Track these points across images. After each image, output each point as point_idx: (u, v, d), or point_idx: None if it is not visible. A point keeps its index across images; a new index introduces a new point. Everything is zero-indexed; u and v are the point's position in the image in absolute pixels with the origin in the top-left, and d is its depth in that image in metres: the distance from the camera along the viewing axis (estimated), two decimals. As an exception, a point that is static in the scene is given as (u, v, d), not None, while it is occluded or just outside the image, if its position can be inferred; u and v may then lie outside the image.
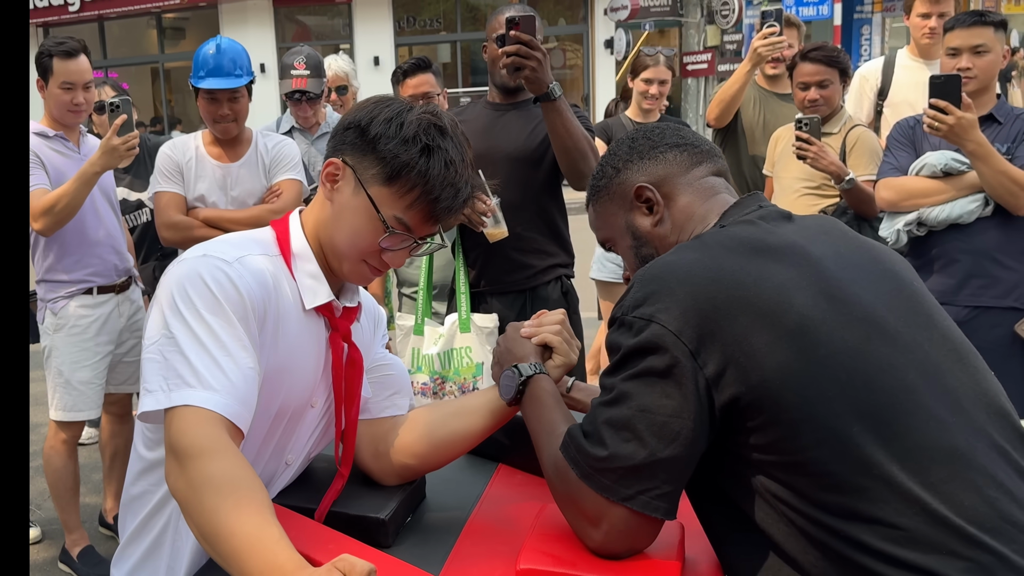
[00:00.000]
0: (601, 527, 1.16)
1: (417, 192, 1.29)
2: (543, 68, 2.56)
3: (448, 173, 1.29)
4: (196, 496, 1.10)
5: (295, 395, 1.37)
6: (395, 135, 1.29)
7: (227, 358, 1.20)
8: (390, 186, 1.30)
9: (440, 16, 17.38)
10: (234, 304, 1.24)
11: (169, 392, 1.18)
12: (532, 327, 1.44)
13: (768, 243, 1.19)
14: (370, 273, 1.37)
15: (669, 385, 1.11)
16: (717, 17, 13.92)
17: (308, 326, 1.37)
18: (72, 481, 3.21)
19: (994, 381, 1.21)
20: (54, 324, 3.13)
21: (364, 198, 1.31)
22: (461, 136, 1.33)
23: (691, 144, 1.39)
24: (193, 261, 1.27)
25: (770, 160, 3.63)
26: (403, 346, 3.01)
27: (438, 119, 1.31)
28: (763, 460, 1.10)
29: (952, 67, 2.80)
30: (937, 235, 2.83)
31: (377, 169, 1.30)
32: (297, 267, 1.37)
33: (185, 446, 1.13)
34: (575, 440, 1.18)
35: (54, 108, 3.10)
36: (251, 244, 1.35)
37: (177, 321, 1.22)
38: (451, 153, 1.30)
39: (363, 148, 1.32)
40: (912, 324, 1.18)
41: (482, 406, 1.44)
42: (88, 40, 3.34)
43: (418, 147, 1.28)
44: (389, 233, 1.31)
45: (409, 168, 1.28)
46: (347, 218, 1.34)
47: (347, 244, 1.34)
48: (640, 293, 1.16)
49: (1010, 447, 1.13)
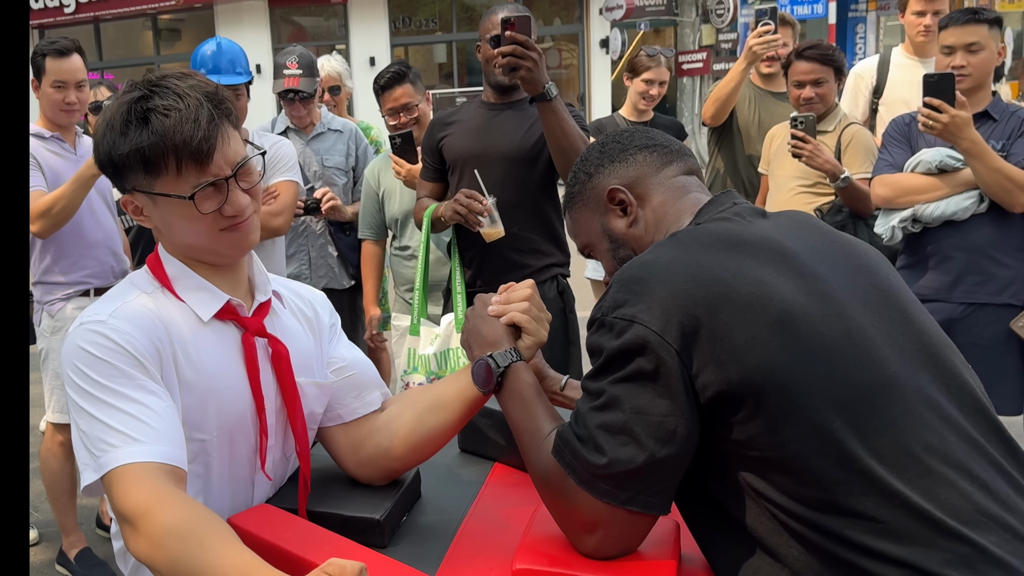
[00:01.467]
0: (597, 531, 1.16)
1: (170, 156, 1.27)
2: (539, 68, 2.56)
3: (171, 119, 1.26)
4: (160, 551, 1.11)
5: (231, 408, 1.36)
6: (116, 137, 1.29)
7: (138, 407, 1.22)
8: (156, 174, 1.29)
9: (436, 16, 17.37)
10: (122, 358, 1.25)
11: (98, 459, 1.20)
12: (499, 304, 1.42)
13: (744, 238, 1.20)
14: (235, 234, 1.35)
15: (659, 385, 1.11)
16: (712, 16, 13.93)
17: (219, 338, 1.37)
18: (69, 483, 3.20)
19: (971, 375, 1.22)
20: (51, 326, 3.12)
21: (161, 201, 1.32)
22: (174, 79, 1.31)
23: (661, 145, 1.40)
24: (72, 335, 1.29)
25: (765, 158, 3.64)
26: (399, 346, 3.01)
27: (135, 89, 1.31)
28: (745, 455, 1.11)
29: (946, 65, 2.81)
30: (932, 232, 2.84)
31: (139, 172, 1.30)
32: (180, 288, 1.37)
33: (130, 507, 1.15)
34: (570, 446, 1.17)
35: (47, 108, 3.09)
36: (126, 291, 1.36)
37: (80, 396, 1.24)
38: (163, 100, 1.28)
39: (120, 169, 1.32)
40: (887, 319, 1.18)
41: (456, 397, 1.43)
42: (84, 41, 3.33)
43: (133, 127, 1.28)
44: (193, 198, 1.29)
45: (145, 148, 1.27)
46: (171, 224, 1.34)
47: (192, 238, 1.34)
48: (620, 294, 1.16)
49: (984, 440, 1.14)
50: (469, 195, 2.73)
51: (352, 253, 3.74)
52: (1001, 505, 1.08)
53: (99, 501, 3.65)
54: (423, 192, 3.09)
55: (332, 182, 3.74)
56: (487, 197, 2.74)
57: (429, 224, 2.95)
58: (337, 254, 3.74)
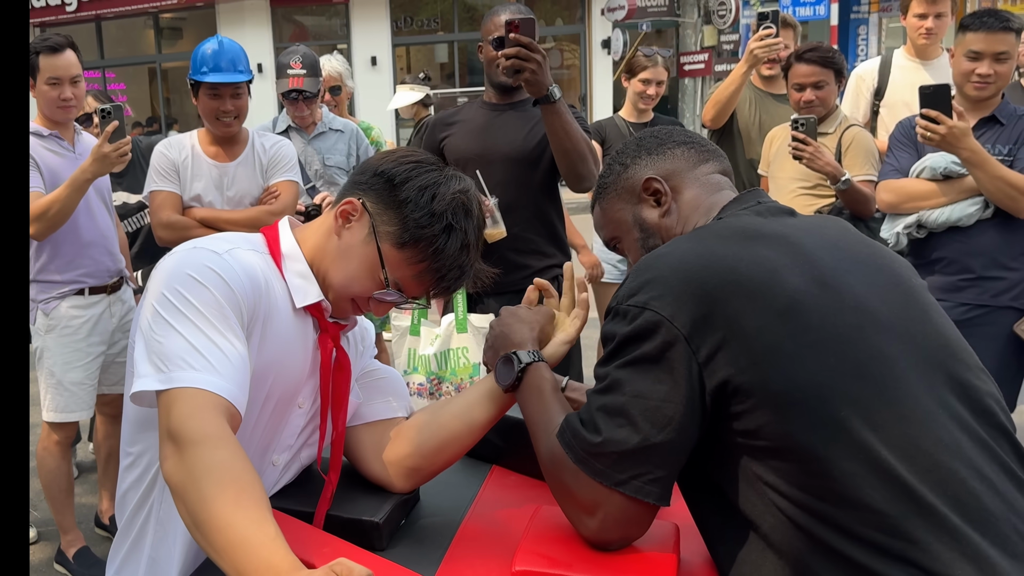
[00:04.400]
0: (596, 514, 1.17)
1: (426, 265, 1.31)
2: (543, 70, 2.56)
3: (461, 256, 1.32)
4: (194, 484, 1.07)
5: (281, 387, 1.36)
6: (425, 206, 1.31)
7: (226, 343, 1.20)
8: (402, 250, 1.32)
9: (438, 16, 17.37)
10: (224, 294, 1.24)
11: (169, 373, 1.16)
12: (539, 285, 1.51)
13: (762, 231, 1.21)
14: (351, 311, 1.39)
15: (662, 371, 1.12)
16: (714, 17, 13.95)
17: (297, 325, 1.37)
18: (66, 482, 3.20)
19: (987, 378, 1.22)
20: (46, 325, 3.12)
21: (374, 250, 1.33)
22: (479, 220, 1.36)
23: (698, 143, 1.43)
24: (183, 254, 1.27)
25: (765, 160, 3.64)
26: (399, 347, 3.00)
27: (468, 201, 1.33)
28: (752, 445, 1.11)
29: (969, 70, 2.76)
30: (937, 237, 2.84)
31: (395, 229, 1.32)
32: (287, 267, 1.37)
33: (187, 432, 1.11)
34: (571, 426, 1.19)
35: (44, 106, 3.08)
36: (241, 240, 1.36)
37: (169, 310, 1.21)
38: (469, 236, 1.32)
39: (388, 203, 1.33)
40: (905, 318, 1.19)
41: (481, 397, 1.44)
42: (85, 40, 3.34)
43: (442, 224, 1.30)
44: (386, 290, 1.33)
45: (428, 243, 1.30)
46: (350, 260, 1.35)
47: (341, 283, 1.36)
48: (634, 283, 1.18)
49: (994, 443, 1.15)
50: (470, 195, 2.73)
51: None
52: (1008, 506, 1.09)
53: (97, 500, 3.65)
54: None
55: (333, 181, 3.73)
56: (489, 198, 2.74)
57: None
58: None
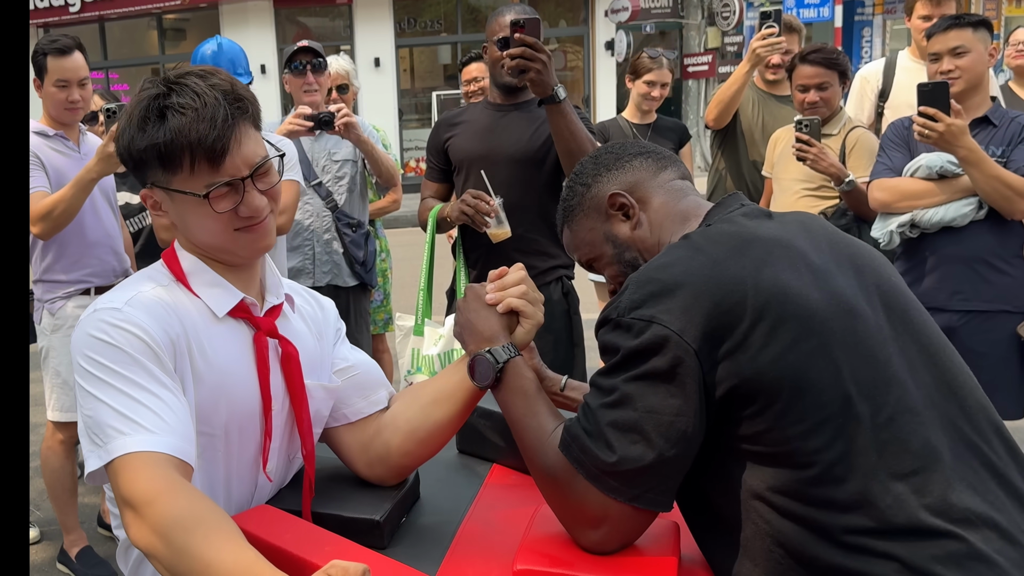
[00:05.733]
0: (601, 527, 1.17)
1: (185, 154, 1.27)
2: (548, 71, 2.57)
3: (186, 117, 1.26)
4: (163, 541, 1.09)
5: (240, 405, 1.35)
6: (135, 132, 1.29)
7: (150, 397, 1.20)
8: (173, 170, 1.29)
9: (441, 17, 17.37)
10: (135, 347, 1.23)
11: (105, 446, 1.18)
12: (495, 291, 1.42)
13: (759, 237, 1.21)
14: (250, 235, 1.35)
15: (673, 385, 1.12)
16: (718, 19, 13.95)
17: (232, 335, 1.37)
18: (70, 481, 3.21)
19: (969, 377, 1.23)
20: (51, 325, 3.13)
21: (177, 197, 1.32)
22: (195, 77, 1.30)
23: (655, 152, 1.44)
24: (86, 320, 1.28)
25: (769, 161, 3.63)
26: (403, 347, 3.00)
27: (155, 85, 1.30)
28: (749, 451, 1.12)
29: (935, 72, 2.80)
30: (930, 237, 2.82)
31: (156, 168, 1.30)
32: (195, 283, 1.37)
33: (138, 495, 1.13)
34: (578, 441, 1.17)
35: (51, 107, 3.10)
36: (141, 282, 1.36)
37: (89, 382, 1.22)
38: (181, 98, 1.27)
39: (138, 164, 1.32)
40: (888, 319, 1.20)
41: (455, 391, 1.43)
42: (89, 41, 3.34)
43: (151, 122, 1.27)
44: (208, 196, 1.29)
45: (161, 145, 1.27)
46: (186, 221, 1.34)
47: (207, 236, 1.34)
48: (637, 295, 1.16)
49: (982, 440, 1.16)
50: (476, 195, 2.73)
51: (357, 250, 3.72)
52: (990, 505, 1.10)
53: (100, 500, 3.66)
54: (428, 192, 3.09)
55: (341, 175, 3.70)
56: (494, 198, 2.74)
57: (434, 224, 2.95)
58: (343, 251, 3.73)
